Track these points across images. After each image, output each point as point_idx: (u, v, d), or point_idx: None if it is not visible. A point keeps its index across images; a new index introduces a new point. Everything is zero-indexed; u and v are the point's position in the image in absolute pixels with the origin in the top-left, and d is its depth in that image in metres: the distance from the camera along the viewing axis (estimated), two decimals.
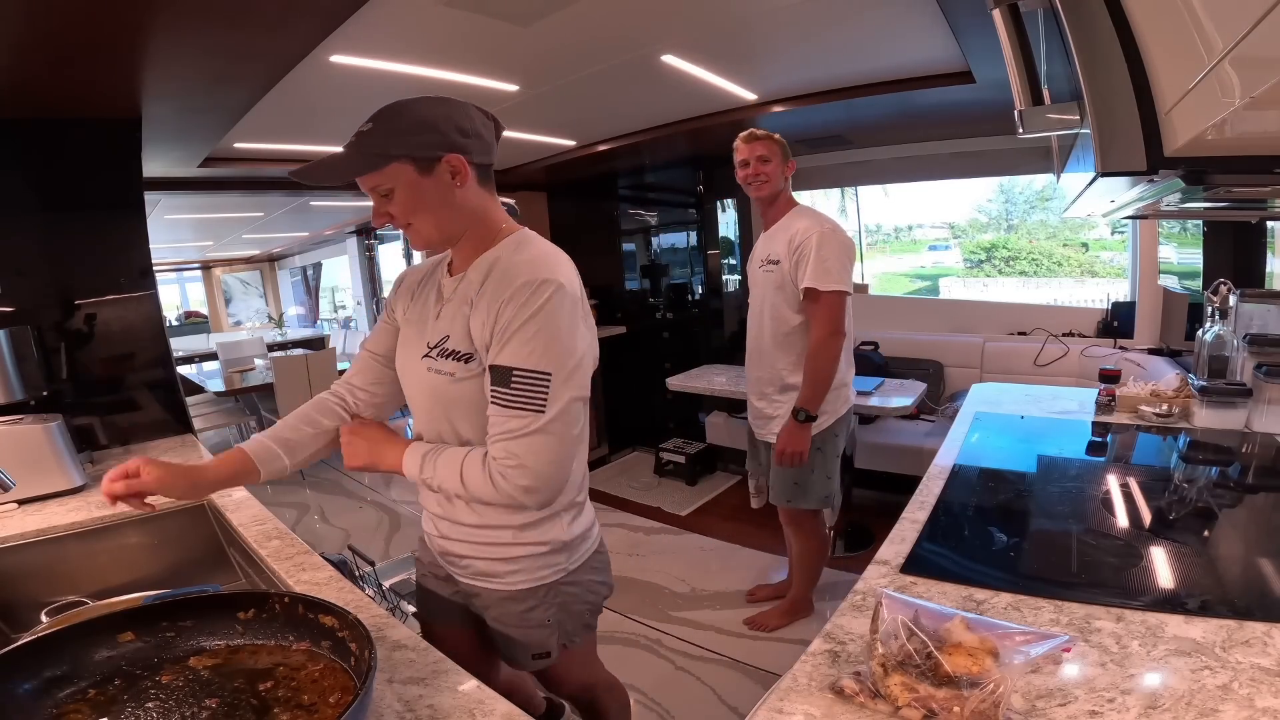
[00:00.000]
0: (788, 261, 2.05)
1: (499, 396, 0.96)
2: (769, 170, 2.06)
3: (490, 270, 1.01)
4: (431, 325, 1.07)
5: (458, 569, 1.16)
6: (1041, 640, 0.73)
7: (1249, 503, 1.36)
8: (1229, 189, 0.95)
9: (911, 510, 1.28)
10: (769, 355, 2.17)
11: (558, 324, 0.95)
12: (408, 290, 1.17)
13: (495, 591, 1.13)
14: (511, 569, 1.10)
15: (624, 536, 3.37)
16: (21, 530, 1.47)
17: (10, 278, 1.95)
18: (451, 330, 1.02)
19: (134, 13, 1.43)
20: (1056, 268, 6.18)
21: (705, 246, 4.56)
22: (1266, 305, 1.76)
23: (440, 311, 1.07)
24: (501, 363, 0.95)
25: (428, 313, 1.10)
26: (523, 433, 0.95)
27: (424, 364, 1.06)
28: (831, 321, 2.00)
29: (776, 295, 2.10)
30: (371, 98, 1.09)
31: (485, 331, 0.97)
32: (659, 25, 2.05)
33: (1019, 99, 0.99)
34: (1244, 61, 0.54)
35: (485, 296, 0.99)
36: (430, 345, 1.05)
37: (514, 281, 0.95)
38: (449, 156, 0.98)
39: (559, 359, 0.95)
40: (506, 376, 0.95)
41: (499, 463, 0.96)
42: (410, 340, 1.11)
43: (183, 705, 0.74)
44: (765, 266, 2.13)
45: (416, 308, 1.13)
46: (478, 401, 1.00)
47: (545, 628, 1.14)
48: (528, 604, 1.12)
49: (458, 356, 1.01)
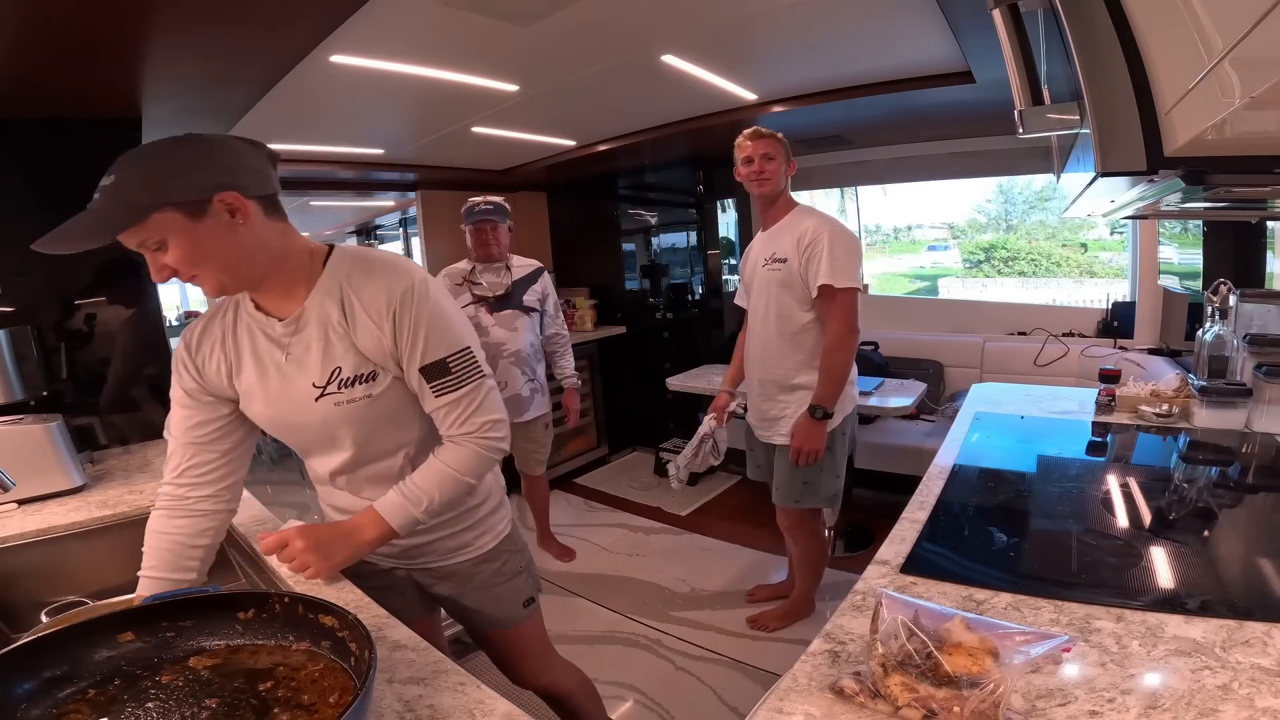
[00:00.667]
0: (796, 259, 2.02)
1: (444, 385, 1.04)
2: (773, 168, 2.04)
3: (343, 296, 1.01)
4: (299, 368, 1.03)
5: (430, 557, 1.22)
6: (1041, 640, 0.73)
7: (1249, 503, 1.36)
8: (1229, 189, 0.94)
9: (911, 510, 1.28)
10: (775, 355, 2.15)
11: (445, 307, 1.05)
12: (207, 360, 1.08)
13: (470, 559, 1.23)
14: (477, 533, 1.23)
15: (624, 536, 3.37)
16: (21, 530, 1.47)
17: (10, 278, 1.95)
18: (342, 362, 1.02)
19: (134, 13, 1.43)
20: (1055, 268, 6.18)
21: (705, 246, 4.56)
22: (1266, 305, 1.75)
23: (295, 354, 1.03)
24: (431, 359, 1.02)
25: (274, 361, 1.05)
26: (480, 400, 1.06)
27: (325, 403, 1.03)
28: (848, 318, 2.01)
29: (784, 294, 2.08)
30: (372, 98, 1.09)
31: (384, 346, 1.02)
32: (659, 25, 2.05)
33: (1019, 99, 0.99)
34: (1244, 61, 0.54)
35: (359, 319, 1.01)
36: (320, 384, 1.03)
37: (391, 293, 1.00)
38: (221, 195, 0.91)
39: (464, 332, 1.07)
40: (443, 367, 1.03)
41: (479, 435, 1.07)
42: (279, 392, 1.05)
43: (183, 705, 0.74)
44: (770, 265, 2.10)
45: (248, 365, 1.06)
46: (402, 404, 1.08)
47: (521, 574, 1.30)
48: (501, 558, 1.26)
49: (362, 379, 1.03)
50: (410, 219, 5.76)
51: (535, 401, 2.79)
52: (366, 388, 1.03)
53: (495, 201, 2.65)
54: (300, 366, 1.04)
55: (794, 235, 2.04)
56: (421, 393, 1.05)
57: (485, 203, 2.62)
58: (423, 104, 2.64)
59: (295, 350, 1.03)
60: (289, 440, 1.14)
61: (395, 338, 1.01)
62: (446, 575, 1.24)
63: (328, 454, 1.12)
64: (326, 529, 1.09)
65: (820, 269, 1.98)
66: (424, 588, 1.27)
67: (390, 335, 1.01)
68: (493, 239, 2.62)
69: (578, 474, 4.26)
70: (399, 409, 1.08)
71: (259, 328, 1.05)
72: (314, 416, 1.05)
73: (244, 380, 1.07)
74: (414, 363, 1.02)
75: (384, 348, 1.02)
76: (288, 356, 1.04)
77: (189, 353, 1.08)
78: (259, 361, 1.06)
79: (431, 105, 2.66)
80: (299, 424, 1.08)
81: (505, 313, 2.66)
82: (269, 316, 1.05)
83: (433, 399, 1.05)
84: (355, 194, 4.85)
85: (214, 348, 1.07)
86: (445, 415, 1.06)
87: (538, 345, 2.79)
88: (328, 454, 1.12)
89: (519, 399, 2.71)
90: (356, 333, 1.01)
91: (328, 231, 7.57)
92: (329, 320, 1.02)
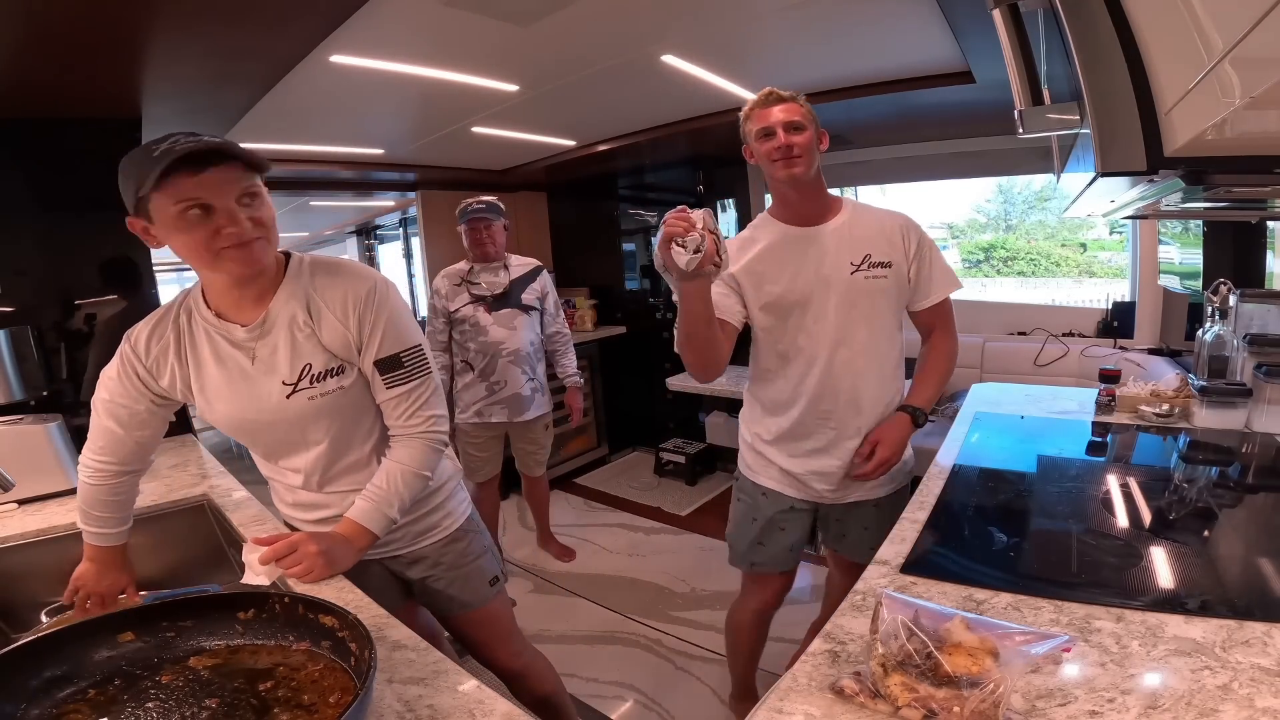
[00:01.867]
0: (905, 264, 1.55)
1: (397, 379, 1.13)
2: (803, 142, 1.43)
3: (308, 298, 1.09)
4: (267, 369, 1.09)
5: (399, 544, 1.29)
6: (1041, 640, 0.73)
7: (1249, 503, 1.36)
8: (1229, 189, 0.95)
9: (911, 510, 1.28)
10: (876, 389, 1.58)
11: (400, 308, 1.15)
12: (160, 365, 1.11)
13: (438, 541, 1.31)
14: (440, 515, 1.32)
15: (624, 536, 3.37)
16: (21, 530, 1.47)
17: (10, 278, 1.95)
18: (311, 359, 1.09)
19: (134, 13, 1.44)
20: (1055, 268, 6.19)
21: None
22: (1266, 305, 1.75)
23: (262, 356, 1.09)
24: (386, 354, 1.12)
25: (239, 365, 1.09)
26: (427, 395, 1.16)
27: (298, 399, 1.10)
28: (955, 329, 1.68)
29: (884, 304, 1.55)
30: (372, 98, 1.10)
31: (349, 341, 1.10)
32: (659, 25, 2.05)
33: (1019, 99, 0.99)
34: (1244, 61, 0.54)
35: (325, 318, 1.09)
36: (291, 381, 1.09)
37: (357, 292, 1.09)
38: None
39: (415, 331, 1.16)
40: (397, 361, 1.13)
41: (425, 430, 1.16)
42: (247, 394, 1.10)
43: (183, 705, 0.74)
44: (870, 271, 1.52)
45: (211, 371, 1.10)
46: (366, 397, 1.17)
47: (486, 553, 1.39)
48: (466, 539, 1.35)
49: (333, 373, 1.11)
50: (410, 219, 5.76)
51: (536, 401, 2.77)
52: (338, 380, 1.11)
53: (488, 200, 2.64)
54: (268, 368, 1.09)
55: (883, 233, 1.54)
56: (374, 384, 1.14)
57: (478, 202, 2.62)
58: (423, 104, 2.64)
59: (262, 353, 1.09)
60: (255, 442, 1.19)
61: (359, 332, 1.10)
62: (416, 559, 1.31)
63: (297, 453, 1.17)
64: (329, 536, 1.11)
65: (934, 274, 1.57)
66: (395, 574, 1.33)
67: (355, 330, 1.10)
68: (488, 238, 2.61)
69: (578, 474, 4.26)
70: (361, 402, 1.17)
71: (218, 333, 1.09)
72: (286, 414, 1.11)
73: (207, 385, 1.11)
74: (370, 355, 1.11)
75: (349, 343, 1.11)
76: (254, 360, 1.09)
77: (138, 357, 1.11)
78: (223, 366, 1.10)
79: (431, 105, 2.66)
80: (269, 423, 1.13)
81: (503, 311, 2.65)
82: (228, 322, 1.09)
83: (384, 390, 1.14)
84: (355, 194, 4.85)
85: (166, 353, 1.10)
86: (395, 406, 1.15)
87: (538, 344, 2.78)
88: (297, 453, 1.17)
89: (519, 398, 2.70)
90: (322, 331, 1.09)
91: (328, 232, 7.57)
92: (295, 321, 1.08)
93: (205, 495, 1.61)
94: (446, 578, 1.32)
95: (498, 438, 2.81)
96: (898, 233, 1.55)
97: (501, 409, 2.69)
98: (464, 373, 2.69)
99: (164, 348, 1.10)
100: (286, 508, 1.28)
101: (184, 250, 0.97)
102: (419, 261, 5.53)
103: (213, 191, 0.93)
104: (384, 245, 7.44)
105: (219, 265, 0.99)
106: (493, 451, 2.81)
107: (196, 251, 0.97)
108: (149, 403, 1.13)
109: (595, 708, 2.10)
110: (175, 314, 1.11)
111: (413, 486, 1.16)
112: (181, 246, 0.97)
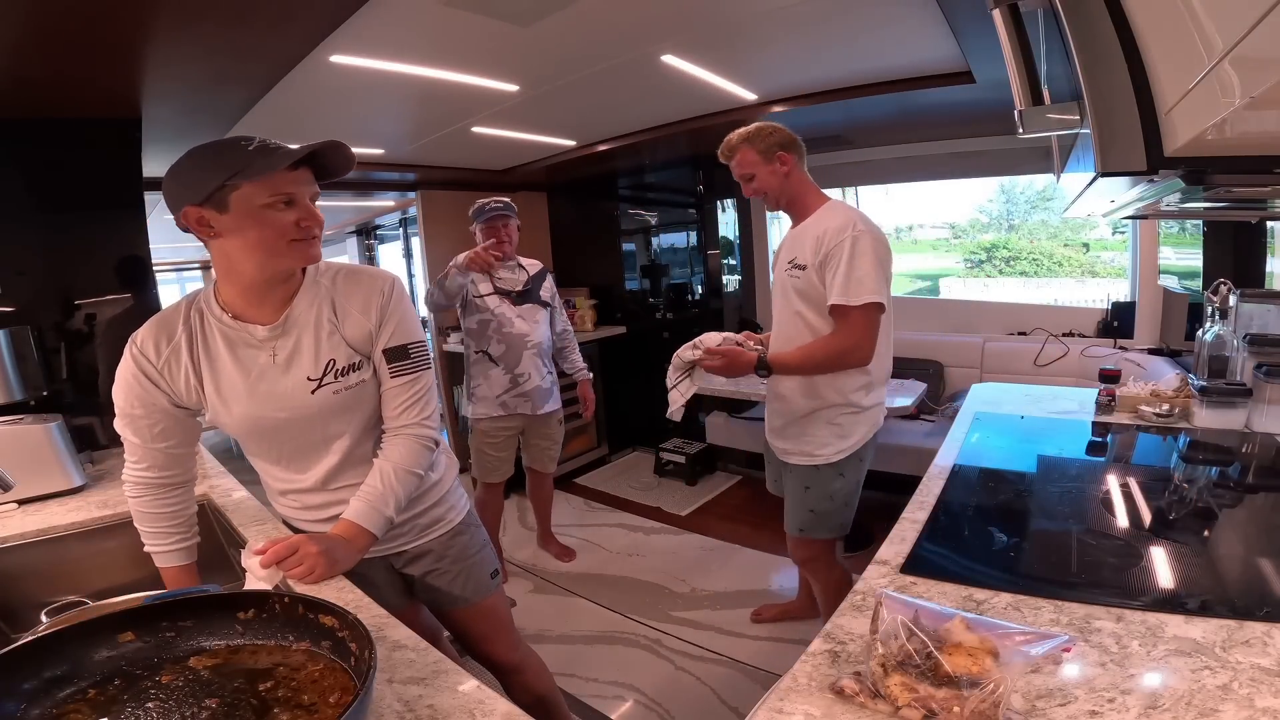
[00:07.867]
0: (814, 266, 1.77)
1: (402, 368, 1.18)
2: (757, 185, 1.85)
3: (333, 298, 1.15)
4: (289, 367, 1.11)
5: (405, 539, 1.30)
6: (1041, 640, 0.73)
7: (1249, 503, 1.36)
8: (1229, 189, 0.95)
9: (911, 510, 1.28)
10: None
11: (409, 305, 1.21)
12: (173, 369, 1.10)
13: (444, 534, 1.34)
14: (445, 507, 1.34)
15: (624, 536, 3.37)
16: (21, 530, 1.47)
17: (10, 278, 1.95)
18: (335, 354, 1.14)
19: (134, 13, 1.44)
20: (1057, 268, 6.17)
21: (705, 246, 4.55)
22: (1266, 305, 1.75)
23: (282, 355, 1.11)
24: (395, 344, 1.17)
25: (258, 364, 1.11)
26: (425, 390, 1.21)
27: (323, 393, 1.13)
28: (855, 337, 1.73)
29: (802, 303, 1.83)
30: (372, 98, 1.11)
31: (369, 333, 1.16)
32: (659, 25, 2.05)
33: (1019, 99, 0.99)
34: (1244, 61, 0.54)
35: (349, 315, 1.15)
36: (316, 377, 1.13)
37: (380, 288, 1.16)
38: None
39: (421, 328, 1.22)
40: (404, 352, 1.18)
41: (419, 425, 1.19)
42: (267, 392, 1.11)
43: (183, 705, 0.74)
44: (790, 270, 1.85)
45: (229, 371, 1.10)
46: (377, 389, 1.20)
47: (486, 546, 1.43)
48: (469, 532, 1.38)
49: (354, 367, 1.16)
50: (410, 219, 5.76)
51: (553, 395, 2.83)
52: (359, 374, 1.16)
53: (505, 200, 2.72)
54: (290, 365, 1.12)
55: (811, 238, 1.79)
56: (380, 373, 1.19)
57: (496, 201, 2.68)
58: (423, 104, 2.64)
59: (283, 351, 1.11)
60: (271, 443, 1.18)
61: (378, 322, 1.16)
62: (421, 554, 1.32)
63: (315, 451, 1.19)
64: (329, 537, 1.11)
65: (835, 282, 1.72)
66: (396, 571, 1.34)
67: (375, 321, 1.16)
68: (505, 236, 2.66)
69: (578, 474, 4.26)
70: (376, 393, 1.20)
71: (236, 334, 1.11)
72: (309, 409, 1.13)
73: (223, 386, 1.11)
74: (380, 343, 1.16)
75: (370, 335, 1.16)
76: (275, 358, 1.11)
77: (148, 360, 1.09)
78: (241, 366, 1.11)
79: (431, 105, 2.66)
80: (288, 420, 1.14)
81: (526, 306, 2.71)
82: (247, 323, 1.10)
83: (389, 379, 1.18)
84: (355, 194, 4.85)
85: (179, 354, 1.10)
86: (395, 396, 1.19)
87: (550, 339, 2.83)
88: (315, 451, 1.19)
89: (540, 390, 2.74)
90: (346, 327, 1.14)
91: (328, 231, 7.56)
92: (320, 320, 1.13)
93: (205, 495, 1.61)
94: (451, 571, 1.34)
95: (513, 437, 2.83)
96: (819, 239, 1.78)
97: (525, 400, 2.72)
98: (481, 363, 2.70)
99: (175, 349, 1.09)
100: (293, 510, 1.28)
101: (255, 239, 1.02)
102: (419, 261, 5.53)
103: (301, 188, 1.03)
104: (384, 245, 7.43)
105: (285, 255, 1.05)
106: (509, 451, 2.83)
107: (270, 242, 1.02)
108: (167, 403, 1.11)
109: (595, 708, 2.10)
110: (185, 315, 1.11)
111: (407, 485, 1.17)
112: (254, 236, 1.01)
